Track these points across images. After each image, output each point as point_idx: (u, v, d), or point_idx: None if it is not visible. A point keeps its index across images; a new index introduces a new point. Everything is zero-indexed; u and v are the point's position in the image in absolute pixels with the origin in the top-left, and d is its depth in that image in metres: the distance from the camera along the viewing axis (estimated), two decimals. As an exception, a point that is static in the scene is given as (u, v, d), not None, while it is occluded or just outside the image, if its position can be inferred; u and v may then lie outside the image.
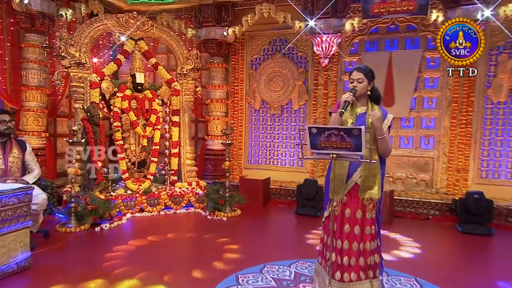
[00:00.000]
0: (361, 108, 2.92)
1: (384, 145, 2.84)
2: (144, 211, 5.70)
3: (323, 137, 2.67)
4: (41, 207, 4.06)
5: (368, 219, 2.87)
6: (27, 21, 5.85)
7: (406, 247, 4.57)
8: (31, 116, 6.00)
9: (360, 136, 2.55)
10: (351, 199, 2.88)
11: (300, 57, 7.30)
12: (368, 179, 2.84)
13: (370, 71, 2.93)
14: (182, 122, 6.74)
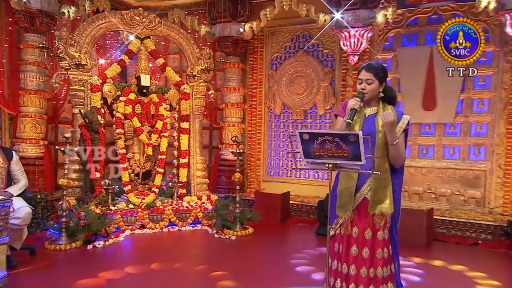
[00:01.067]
0: (371, 109, 2.81)
1: (396, 153, 2.70)
2: (146, 228, 5.60)
3: (316, 144, 2.56)
4: (24, 222, 4.01)
5: (379, 240, 2.72)
6: (26, 20, 5.94)
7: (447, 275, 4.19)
8: (28, 122, 6.06)
9: (358, 143, 2.40)
10: (359, 216, 2.75)
11: (326, 54, 7.07)
12: (378, 192, 2.71)
13: (382, 69, 2.81)
14: (192, 129, 6.63)
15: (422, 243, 5.36)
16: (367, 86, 2.76)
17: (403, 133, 2.75)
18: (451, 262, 4.70)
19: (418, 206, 6.23)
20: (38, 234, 5.14)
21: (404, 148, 2.74)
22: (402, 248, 5.09)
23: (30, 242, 4.75)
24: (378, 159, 2.66)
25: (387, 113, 2.65)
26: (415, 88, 6.32)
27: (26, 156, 5.99)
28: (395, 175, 2.80)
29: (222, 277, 3.94)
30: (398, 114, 2.75)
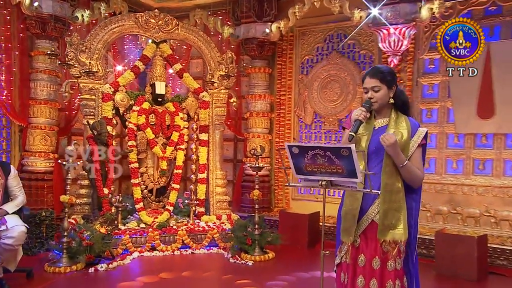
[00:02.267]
0: (382, 120, 2.73)
1: (408, 175, 2.59)
2: (156, 250, 5.58)
3: (307, 158, 2.52)
4: (17, 242, 4.06)
5: (390, 271, 2.59)
6: (38, 26, 6.16)
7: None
8: (38, 134, 6.24)
9: (352, 158, 2.33)
10: (367, 242, 2.66)
11: (364, 56, 6.89)
12: (389, 215, 2.59)
13: (389, 72, 2.73)
14: (211, 140, 6.61)
15: (472, 277, 4.98)
16: (375, 95, 2.64)
17: (419, 148, 2.66)
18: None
19: (474, 232, 5.82)
20: (41, 255, 5.23)
21: (419, 167, 2.63)
22: (445, 283, 4.81)
23: (31, 264, 4.88)
24: (389, 178, 2.60)
25: (388, 134, 2.54)
26: (468, 93, 5.99)
27: (34, 171, 6.19)
28: (411, 196, 2.68)
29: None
30: (412, 126, 2.66)
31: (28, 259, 5.19)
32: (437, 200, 6.27)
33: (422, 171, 2.65)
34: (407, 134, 2.62)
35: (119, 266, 5.03)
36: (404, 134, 2.62)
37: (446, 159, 6.27)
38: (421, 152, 2.69)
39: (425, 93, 6.43)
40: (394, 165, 2.59)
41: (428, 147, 6.08)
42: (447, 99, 6.23)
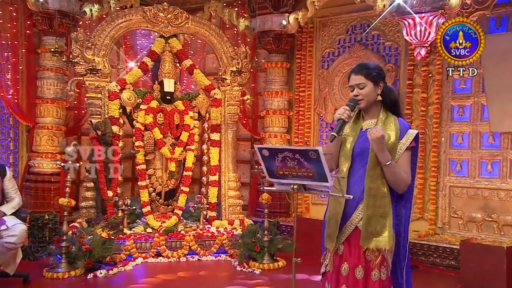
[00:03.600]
0: (370, 121, 2.76)
1: (392, 176, 2.60)
2: (161, 256, 5.78)
3: (278, 161, 2.61)
4: (19, 240, 4.37)
5: (374, 281, 2.62)
6: (44, 22, 6.51)
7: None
8: (45, 134, 6.59)
9: (320, 161, 2.41)
10: (350, 249, 2.70)
11: (389, 47, 6.88)
12: (373, 222, 2.63)
13: (375, 67, 2.77)
14: (224, 141, 6.78)
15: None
16: (360, 92, 2.69)
17: (408, 151, 2.68)
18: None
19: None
20: (43, 260, 5.50)
21: (406, 171, 2.65)
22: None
23: (32, 269, 5.18)
24: (373, 182, 2.63)
25: (373, 128, 2.58)
26: (506, 87, 5.89)
27: (41, 172, 6.55)
28: (401, 203, 2.72)
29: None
30: (401, 128, 2.70)
31: (29, 263, 5.51)
32: (470, 206, 6.19)
33: (409, 175, 2.67)
34: (395, 135, 2.66)
35: (120, 272, 5.25)
36: (392, 135, 2.66)
37: (480, 161, 6.18)
38: (410, 155, 2.71)
39: (457, 88, 6.37)
40: (379, 169, 2.62)
41: (460, 147, 6.11)
42: (481, 95, 6.14)
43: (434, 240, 6.05)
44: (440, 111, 6.42)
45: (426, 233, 6.28)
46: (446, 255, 5.81)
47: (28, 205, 6.37)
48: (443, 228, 6.36)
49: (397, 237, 2.68)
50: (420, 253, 6.02)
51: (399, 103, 2.86)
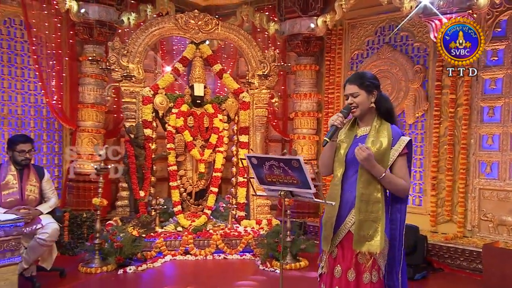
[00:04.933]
0: (364, 129, 2.85)
1: (390, 186, 2.72)
2: (189, 254, 5.99)
3: (266, 169, 2.76)
4: (51, 237, 4.66)
5: (365, 284, 2.70)
6: (85, 31, 6.86)
7: None
8: (86, 137, 6.95)
9: (302, 169, 2.55)
10: (343, 252, 2.78)
11: (418, 49, 6.79)
12: (365, 226, 2.70)
13: (368, 77, 2.87)
14: (252, 142, 6.90)
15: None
16: (354, 100, 2.78)
17: (401, 157, 2.75)
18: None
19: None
20: (81, 255, 5.84)
21: (402, 176, 2.73)
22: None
23: (70, 264, 5.54)
24: (365, 188, 2.71)
25: (360, 147, 2.65)
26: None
27: (82, 173, 6.88)
28: (396, 207, 2.81)
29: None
30: (394, 135, 2.75)
31: (68, 258, 5.91)
32: (501, 210, 6.05)
33: (406, 180, 2.73)
34: (387, 142, 2.72)
35: (148, 269, 5.51)
36: (384, 142, 2.72)
37: (510, 163, 6.02)
38: (405, 160, 2.77)
39: (487, 89, 6.22)
40: (371, 175, 2.69)
41: (490, 149, 6.03)
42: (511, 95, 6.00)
43: (461, 243, 5.95)
44: (469, 113, 6.30)
45: (454, 236, 6.19)
46: (472, 259, 5.71)
47: (70, 203, 6.81)
48: (472, 231, 6.24)
49: (393, 242, 2.76)
50: (447, 256, 5.94)
51: (393, 111, 2.90)
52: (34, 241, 4.59)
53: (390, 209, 2.79)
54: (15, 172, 4.82)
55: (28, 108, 6.88)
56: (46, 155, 7.10)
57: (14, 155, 4.80)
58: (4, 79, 6.63)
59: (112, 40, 6.72)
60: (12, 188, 4.76)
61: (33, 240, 4.58)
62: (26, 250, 4.52)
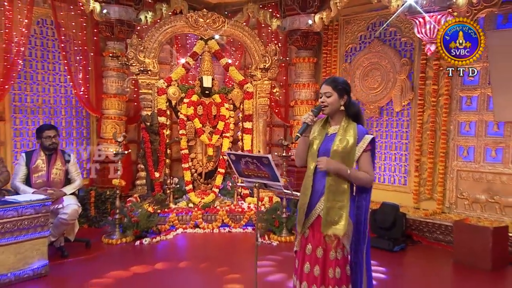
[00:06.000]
0: (334, 128, 3.00)
1: (355, 180, 2.92)
2: (198, 227, 6.39)
3: (242, 164, 3.01)
4: (70, 217, 5.04)
5: (331, 260, 2.89)
6: (107, 29, 7.19)
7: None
8: (109, 123, 7.35)
9: (271, 166, 2.79)
10: (313, 233, 2.96)
11: (405, 43, 6.93)
12: (332, 213, 2.89)
13: (342, 82, 3.02)
14: (255, 128, 7.22)
15: (487, 267, 5.09)
16: (326, 99, 2.95)
17: (366, 153, 2.95)
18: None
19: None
20: (105, 228, 6.27)
21: (366, 170, 2.93)
22: (461, 271, 4.97)
23: (95, 235, 5.98)
24: (333, 180, 2.89)
25: (320, 160, 2.88)
26: (509, 79, 5.84)
27: (106, 155, 7.30)
28: (362, 196, 3.02)
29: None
30: (359, 134, 2.95)
31: (94, 230, 6.38)
32: (475, 189, 6.28)
33: (370, 173, 2.94)
34: (353, 140, 2.91)
35: (162, 240, 5.93)
36: (350, 140, 2.91)
37: (485, 148, 6.22)
38: (369, 156, 2.97)
39: (466, 80, 6.36)
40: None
41: (467, 135, 6.26)
42: (487, 86, 6.13)
43: (439, 219, 6.21)
44: (449, 102, 6.47)
45: (433, 212, 6.44)
46: (448, 232, 5.96)
47: (96, 182, 7.25)
48: (450, 207, 6.49)
49: (358, 225, 2.97)
50: (425, 230, 6.22)
51: (360, 114, 3.07)
52: (57, 219, 4.98)
53: (356, 198, 2.99)
54: (44, 157, 5.20)
55: (59, 98, 7.26)
56: (76, 139, 7.52)
57: (42, 141, 5.19)
58: (38, 73, 7.00)
59: (130, 37, 7.02)
60: (41, 171, 5.15)
61: (56, 219, 4.98)
62: (52, 226, 4.91)
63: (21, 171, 5.15)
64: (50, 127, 5.36)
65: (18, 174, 5.14)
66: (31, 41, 6.83)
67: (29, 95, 6.91)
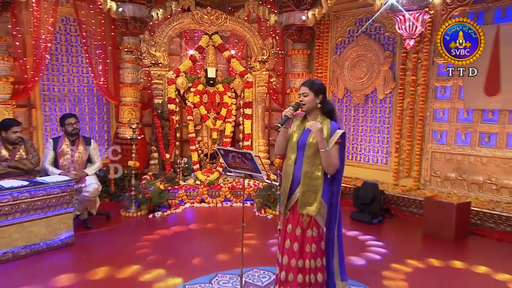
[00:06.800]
0: (311, 123, 3.14)
1: (327, 160, 3.03)
2: (204, 202, 6.76)
3: (230, 158, 3.24)
4: (91, 195, 5.43)
5: (308, 237, 3.12)
6: (123, 25, 7.45)
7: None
8: (126, 110, 7.68)
9: (254, 160, 3.03)
10: (293, 214, 3.17)
11: (388, 37, 7.07)
12: (307, 195, 3.08)
13: (318, 84, 3.19)
14: (254, 114, 7.49)
15: (450, 237, 5.41)
16: (304, 98, 3.15)
17: (336, 145, 3.11)
18: (449, 257, 4.78)
19: (477, 197, 6.13)
20: (123, 202, 6.64)
21: (336, 159, 3.08)
22: (428, 241, 5.28)
23: (114, 208, 6.36)
24: (309, 167, 3.07)
25: (315, 123, 3.06)
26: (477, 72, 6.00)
27: (124, 137, 7.64)
28: (334, 182, 3.21)
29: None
30: (332, 129, 3.11)
31: (114, 204, 6.74)
32: (446, 168, 6.53)
33: (337, 162, 3.08)
34: (327, 133, 3.06)
35: (172, 214, 6.30)
36: (324, 134, 3.05)
37: (455, 132, 6.43)
38: (339, 148, 3.11)
39: (440, 72, 6.53)
40: (313, 158, 3.05)
41: (441, 121, 6.50)
42: (459, 78, 6.25)
43: (414, 195, 6.49)
44: (426, 91, 6.65)
45: (410, 188, 6.72)
46: (421, 206, 6.23)
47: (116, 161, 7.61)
48: (425, 184, 6.75)
49: (330, 207, 3.16)
50: (402, 204, 6.52)
51: (333, 111, 3.22)
52: (81, 197, 5.36)
53: (330, 184, 3.15)
54: (68, 142, 5.55)
55: (82, 87, 7.57)
56: (97, 123, 7.86)
57: (65, 128, 5.52)
58: (64, 65, 7.30)
59: (143, 33, 7.27)
60: (66, 155, 5.50)
61: (80, 196, 5.36)
62: (76, 202, 5.30)
63: (49, 154, 5.51)
64: (70, 115, 5.66)
65: (47, 157, 5.51)
66: (57, 37, 7.11)
67: (56, 85, 7.23)
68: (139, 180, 6.72)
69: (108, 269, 4.28)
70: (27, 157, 5.25)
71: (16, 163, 5.14)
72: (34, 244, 4.67)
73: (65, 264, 4.51)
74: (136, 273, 4.21)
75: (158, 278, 4.09)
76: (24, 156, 5.24)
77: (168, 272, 4.21)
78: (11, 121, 5.25)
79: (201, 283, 3.97)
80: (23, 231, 4.57)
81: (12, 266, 4.36)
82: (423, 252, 5.05)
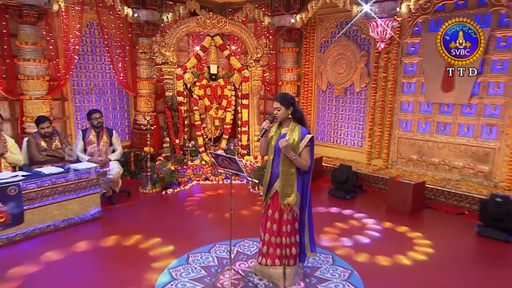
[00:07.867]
0: (285, 129, 3.50)
1: (297, 163, 3.38)
2: (208, 180, 7.28)
3: (221, 160, 3.62)
4: (115, 177, 5.94)
5: (284, 220, 3.52)
6: (138, 28, 7.80)
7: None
8: (143, 100, 8.13)
9: (237, 163, 3.41)
10: (273, 202, 3.56)
11: (364, 39, 7.33)
12: (285, 188, 3.43)
13: (287, 98, 3.47)
14: (250, 104, 7.89)
15: (407, 210, 5.89)
16: (277, 112, 3.45)
17: (306, 148, 3.38)
18: (401, 225, 5.39)
19: (433, 175, 6.56)
20: (141, 180, 7.10)
21: (306, 160, 3.37)
22: (390, 213, 5.84)
23: (135, 186, 6.84)
24: (285, 166, 3.40)
25: (281, 140, 3.35)
26: (436, 71, 6.31)
27: (141, 124, 8.10)
28: (305, 175, 3.51)
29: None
30: (302, 134, 3.38)
31: (134, 182, 7.18)
32: (410, 151, 6.94)
33: (308, 162, 3.38)
34: (297, 138, 3.36)
35: (181, 190, 6.79)
36: (296, 139, 3.37)
37: (418, 121, 6.79)
38: (308, 150, 3.39)
39: (407, 70, 6.83)
40: (288, 159, 3.37)
41: (406, 111, 6.96)
42: (422, 75, 6.61)
43: (382, 173, 6.93)
44: (394, 86, 6.97)
45: (380, 168, 7.17)
46: (387, 184, 6.69)
47: (136, 144, 8.15)
48: (392, 164, 7.19)
49: (302, 196, 3.49)
50: (372, 181, 6.96)
51: (303, 119, 3.48)
52: (106, 178, 5.86)
53: (302, 176, 3.46)
54: (94, 134, 6.00)
55: (105, 82, 7.98)
56: (119, 112, 8.32)
57: (92, 122, 5.96)
58: (89, 64, 7.68)
59: (156, 35, 7.63)
60: (93, 144, 5.98)
61: (105, 178, 5.85)
62: (102, 182, 5.78)
63: (80, 143, 6.01)
64: (95, 111, 6.08)
65: (77, 146, 6.01)
66: (83, 40, 7.45)
67: (84, 81, 7.65)
68: (154, 161, 7.23)
69: (135, 239, 4.84)
70: (61, 146, 5.75)
71: (53, 152, 5.65)
72: (70, 218, 5.24)
73: (96, 233, 5.07)
74: (156, 245, 4.67)
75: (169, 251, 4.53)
76: (59, 146, 5.74)
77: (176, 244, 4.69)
78: (39, 119, 5.61)
79: (202, 252, 4.47)
80: (61, 208, 5.14)
81: (54, 236, 4.96)
82: (384, 221, 5.55)
